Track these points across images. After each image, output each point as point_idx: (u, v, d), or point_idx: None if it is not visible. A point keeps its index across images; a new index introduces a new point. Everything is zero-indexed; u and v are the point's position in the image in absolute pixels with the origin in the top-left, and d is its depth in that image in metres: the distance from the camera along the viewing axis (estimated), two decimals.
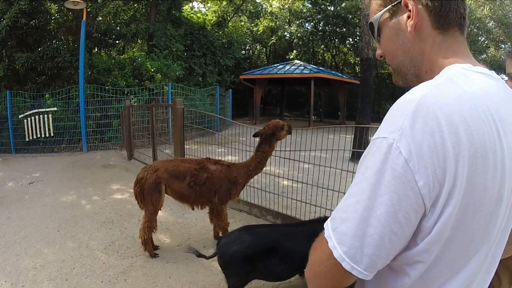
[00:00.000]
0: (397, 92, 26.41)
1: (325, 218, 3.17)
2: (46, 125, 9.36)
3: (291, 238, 2.88)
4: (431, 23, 0.79)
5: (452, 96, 0.67)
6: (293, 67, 18.91)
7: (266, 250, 2.77)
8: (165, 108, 10.28)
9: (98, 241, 4.03)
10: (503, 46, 23.82)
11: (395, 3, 0.82)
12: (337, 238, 0.70)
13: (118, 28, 12.57)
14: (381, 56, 0.93)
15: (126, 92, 10.64)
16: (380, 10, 0.85)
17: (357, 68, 26.88)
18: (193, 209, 3.84)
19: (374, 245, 0.67)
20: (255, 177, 3.89)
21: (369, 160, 0.70)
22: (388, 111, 0.72)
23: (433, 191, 0.64)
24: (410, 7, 0.78)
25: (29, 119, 9.35)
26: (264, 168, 3.90)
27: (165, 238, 4.16)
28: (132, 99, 10.46)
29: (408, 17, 0.79)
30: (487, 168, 0.67)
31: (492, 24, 22.65)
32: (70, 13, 11.42)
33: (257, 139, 3.80)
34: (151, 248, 3.70)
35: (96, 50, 12.98)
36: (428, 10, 0.78)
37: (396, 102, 0.71)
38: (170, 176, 3.62)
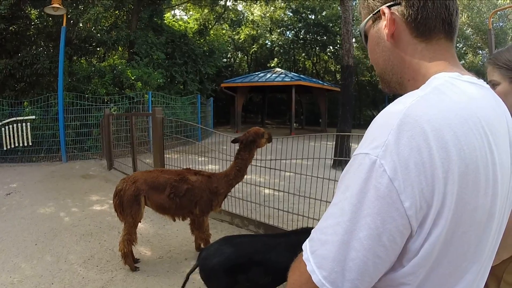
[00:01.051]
0: (377, 99, 26.94)
1: (308, 229, 3.21)
2: (25, 134, 9.14)
3: (273, 248, 2.82)
4: (410, 31, 0.76)
5: (440, 107, 0.62)
6: (274, 75, 19.08)
7: (248, 261, 2.72)
8: (146, 116, 10.18)
9: (77, 254, 3.95)
10: (480, 52, 24.58)
11: (375, 11, 0.79)
12: (316, 262, 0.65)
13: (98, 35, 12.42)
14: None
15: (106, 100, 10.51)
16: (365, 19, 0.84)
17: (337, 76, 27.28)
18: (174, 220, 3.80)
19: (356, 269, 0.62)
20: (236, 186, 3.86)
21: (350, 178, 0.65)
22: (371, 124, 0.67)
23: (420, 212, 0.60)
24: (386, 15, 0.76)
25: (6, 127, 9.11)
26: (245, 177, 3.88)
27: (146, 251, 4.12)
28: (112, 107, 10.35)
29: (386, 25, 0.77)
30: (478, 185, 0.63)
31: (470, 31, 23.34)
32: (50, 18, 11.21)
33: (237, 146, 3.78)
34: (131, 262, 3.63)
35: (76, 57, 12.77)
36: (404, 18, 0.75)
37: (379, 114, 0.66)
38: (150, 188, 3.57)
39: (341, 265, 0.62)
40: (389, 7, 0.76)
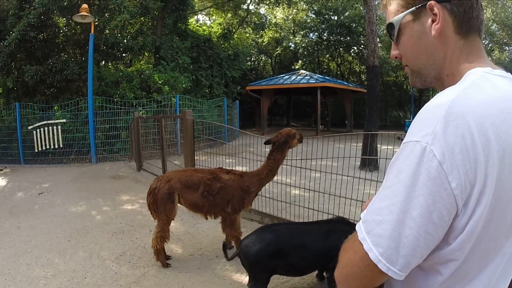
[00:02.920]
0: (403, 100, 26.41)
1: (338, 218, 3.22)
2: (55, 137, 9.42)
3: (308, 234, 3.02)
4: (454, 28, 0.80)
5: (479, 100, 0.70)
6: (299, 77, 18.97)
7: (287, 246, 2.90)
8: (173, 119, 10.31)
9: (109, 251, 4.00)
10: (507, 48, 23.84)
11: (419, 5, 0.82)
12: (373, 241, 0.72)
13: (125, 41, 12.70)
14: (396, 57, 0.93)
15: (134, 104, 10.68)
16: (402, 12, 0.85)
17: (362, 77, 26.96)
18: (206, 218, 3.81)
19: (409, 245, 0.69)
20: (266, 186, 3.88)
21: (401, 163, 0.72)
22: (416, 116, 0.74)
23: (465, 192, 0.67)
24: (435, 11, 0.79)
25: (38, 130, 9.42)
26: (275, 177, 3.89)
27: (177, 248, 4.13)
28: (141, 110, 10.50)
29: (433, 21, 0.80)
30: None
31: (495, 26, 22.62)
32: (78, 26, 11.57)
33: (267, 149, 3.80)
34: (163, 258, 3.66)
35: (104, 63, 13.10)
36: (452, 15, 0.79)
37: (424, 107, 0.73)
38: (184, 186, 3.60)
39: (396, 242, 0.70)
40: (438, 2, 0.79)
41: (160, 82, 11.62)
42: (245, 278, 3.54)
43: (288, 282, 3.47)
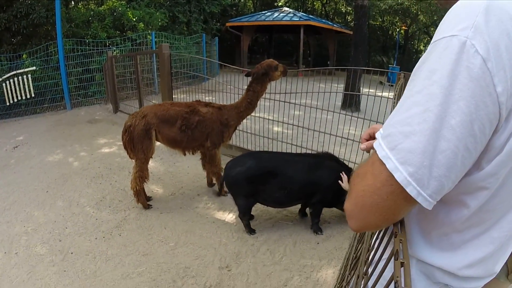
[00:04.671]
0: (388, 45, 26.03)
1: (326, 154, 3.14)
2: (26, 87, 8.88)
3: (291, 165, 3.03)
4: None
5: None
6: (282, 14, 18.24)
7: (267, 173, 2.95)
8: (150, 57, 9.87)
9: (88, 197, 3.87)
10: None
11: None
12: (400, 157, 0.58)
13: None
14: None
15: (107, 44, 10.11)
16: None
17: (348, 18, 26.23)
18: (184, 154, 3.70)
19: (445, 163, 0.56)
20: (248, 123, 3.78)
21: (435, 62, 0.57)
22: (447, 13, 0.60)
23: (509, 100, 0.55)
24: None
25: (7, 82, 8.85)
26: (256, 113, 3.82)
27: (158, 189, 4.04)
28: (115, 50, 9.97)
29: None
30: None
31: None
32: None
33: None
34: (144, 200, 3.57)
35: (74, 3, 12.19)
36: None
37: (454, 6, 0.60)
38: (160, 121, 3.42)
39: (430, 159, 0.56)
40: None
41: (134, 19, 10.95)
42: (227, 216, 3.50)
43: (271, 220, 3.47)
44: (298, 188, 3.00)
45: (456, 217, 0.68)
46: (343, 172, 2.67)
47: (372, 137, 1.03)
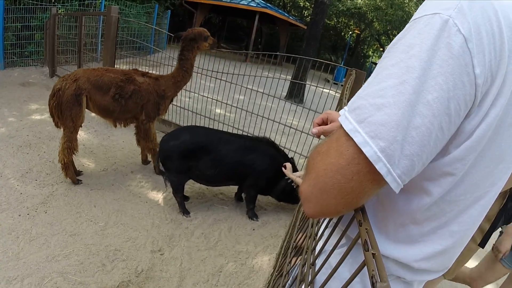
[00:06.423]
0: (338, 46, 26.83)
1: (266, 140, 3.12)
2: None
3: (226, 144, 2.99)
4: None
5: None
6: None
7: (200, 148, 2.90)
8: (96, 21, 9.15)
9: (13, 168, 3.46)
10: None
11: None
12: (370, 131, 0.52)
13: None
14: None
15: (53, 0, 9.17)
16: None
17: (305, 13, 26.55)
18: (115, 126, 3.45)
19: (419, 141, 0.52)
20: (189, 102, 3.63)
21: (414, 37, 0.54)
22: None
23: (485, 84, 0.54)
24: None
25: None
26: (198, 92, 3.80)
27: (89, 163, 3.75)
28: (60, 8, 9.09)
29: None
30: None
31: None
32: None
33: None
34: (72, 174, 3.26)
35: None
36: None
37: None
38: (93, 87, 3.12)
39: (403, 134, 0.51)
40: None
41: None
42: (161, 196, 3.37)
43: (206, 203, 3.42)
44: (230, 168, 2.98)
45: (416, 206, 0.64)
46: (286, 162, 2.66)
47: (325, 123, 0.98)
